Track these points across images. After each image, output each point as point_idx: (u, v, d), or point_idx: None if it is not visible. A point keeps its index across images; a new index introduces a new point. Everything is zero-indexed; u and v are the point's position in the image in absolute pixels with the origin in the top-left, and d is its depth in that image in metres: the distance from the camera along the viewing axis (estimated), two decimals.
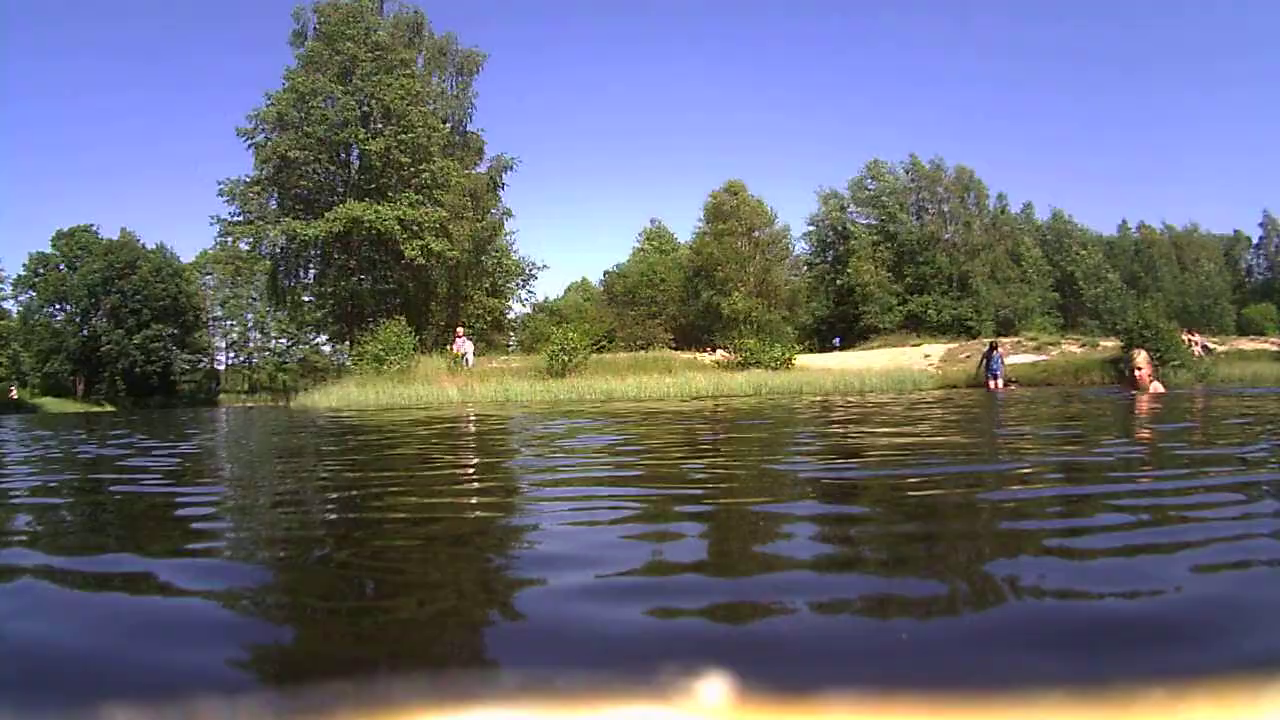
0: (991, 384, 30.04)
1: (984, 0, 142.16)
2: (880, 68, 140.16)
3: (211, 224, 44.84)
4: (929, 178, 72.51)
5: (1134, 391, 13.64)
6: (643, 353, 39.05)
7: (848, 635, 1.60)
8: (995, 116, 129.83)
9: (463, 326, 37.29)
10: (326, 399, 29.78)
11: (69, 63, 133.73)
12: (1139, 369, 13.84)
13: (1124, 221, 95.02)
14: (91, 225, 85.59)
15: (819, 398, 20.39)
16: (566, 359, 32.49)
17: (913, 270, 69.58)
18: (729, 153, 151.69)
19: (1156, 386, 14.11)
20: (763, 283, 62.61)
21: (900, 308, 68.15)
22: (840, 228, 73.03)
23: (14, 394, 67.02)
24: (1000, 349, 32.69)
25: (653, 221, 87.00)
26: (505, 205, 54.61)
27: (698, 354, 38.72)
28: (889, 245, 70.42)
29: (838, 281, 70.91)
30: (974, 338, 50.31)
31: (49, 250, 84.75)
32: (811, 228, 75.36)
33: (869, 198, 72.49)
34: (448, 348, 34.22)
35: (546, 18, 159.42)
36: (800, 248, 73.57)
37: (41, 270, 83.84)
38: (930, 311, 67.28)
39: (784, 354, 35.55)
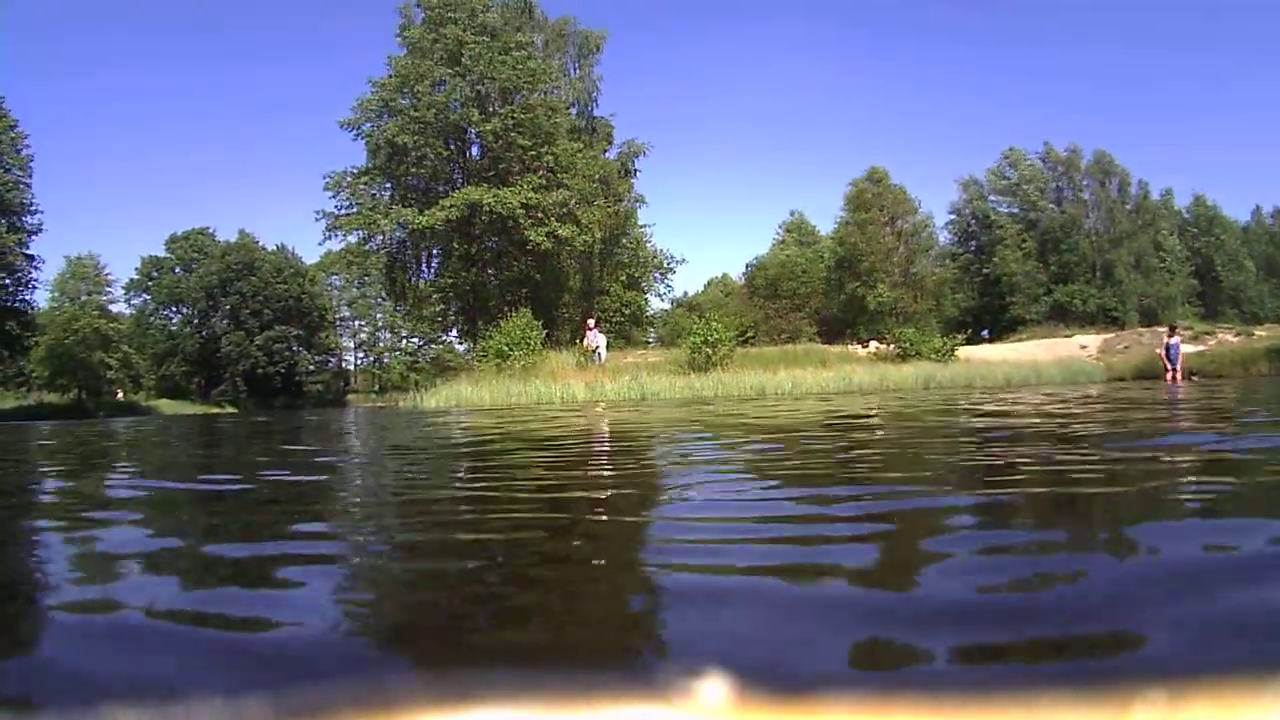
0: (1170, 375, 27.80)
1: None
2: (1015, 54, 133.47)
3: (317, 218, 43.09)
4: (1065, 164, 71.47)
5: None
6: (791, 345, 38.33)
7: None
8: (1125, 102, 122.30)
9: (594, 318, 34.72)
10: (434, 398, 28.90)
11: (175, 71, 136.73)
12: None
13: (1258, 208, 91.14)
14: (207, 228, 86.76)
15: (1010, 393, 18.83)
16: (710, 352, 30.51)
17: (1056, 259, 68.52)
18: (863, 142, 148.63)
19: None
20: (907, 274, 62.38)
21: (1046, 298, 66.98)
22: (982, 216, 72.12)
23: (120, 395, 68.33)
24: (1179, 335, 30.52)
25: (792, 213, 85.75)
26: (638, 193, 53.29)
27: (848, 346, 38.06)
28: (1030, 234, 69.60)
29: (983, 271, 69.80)
30: (1121, 328, 49.85)
31: (162, 254, 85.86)
32: (953, 217, 74.25)
33: (1008, 186, 71.67)
34: (579, 340, 31.80)
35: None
36: (943, 238, 71.59)
37: (155, 273, 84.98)
38: (1075, 301, 65.81)
39: (946, 345, 34.57)
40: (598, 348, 31.37)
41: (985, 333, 54.76)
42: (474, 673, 1.44)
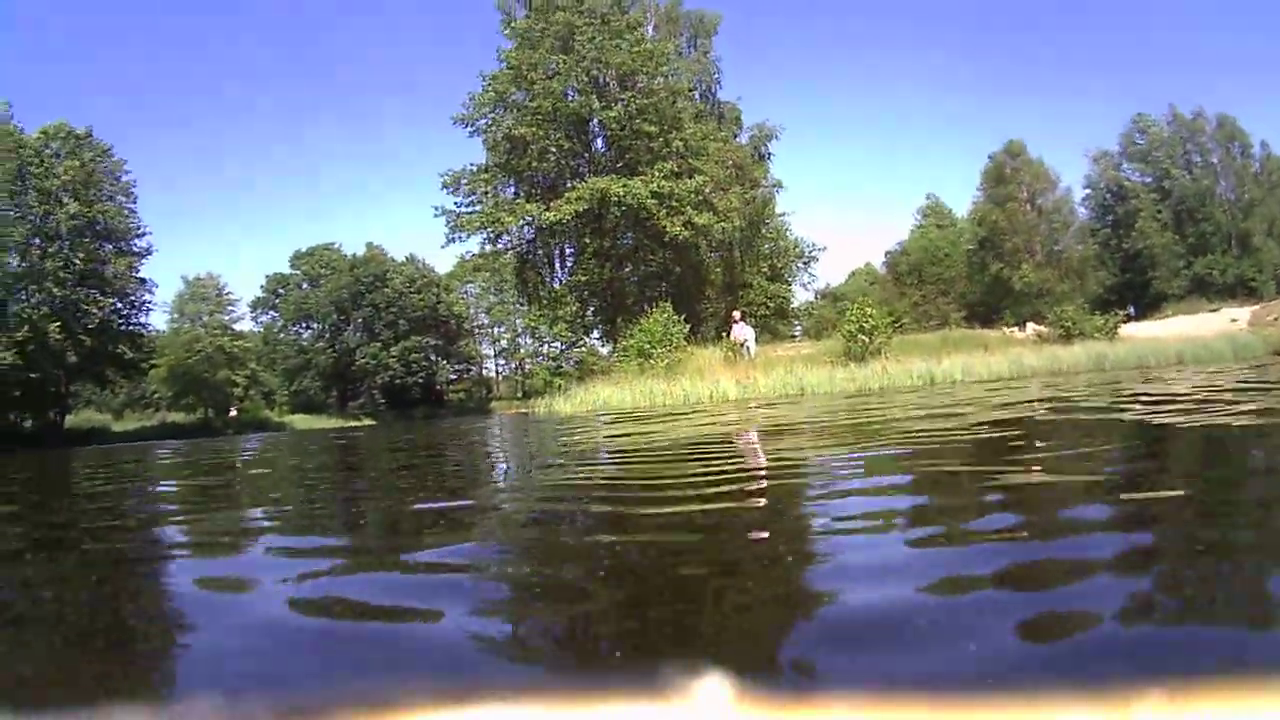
0: None
1: None
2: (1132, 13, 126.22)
3: (436, 214, 41.92)
4: (1191, 129, 68.69)
5: None
6: (949, 330, 37.05)
7: None
8: (1238, 61, 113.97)
9: (740, 311, 32.97)
10: (570, 403, 28.10)
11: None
12: None
13: None
14: (333, 243, 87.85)
15: (1193, 370, 18.29)
16: (866, 340, 28.81)
17: (1194, 230, 66.10)
18: (986, 119, 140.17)
19: None
20: (1051, 252, 61.39)
21: (1186, 271, 65.04)
22: (1116, 188, 69.74)
23: (233, 413, 69.08)
24: None
25: (928, 197, 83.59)
26: (775, 177, 51.06)
27: (1004, 330, 37.46)
28: (1165, 203, 67.50)
29: (1123, 246, 67.54)
30: (1260, 299, 48.48)
31: (287, 270, 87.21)
32: (1088, 191, 71.58)
33: (1140, 152, 69.47)
34: (724, 335, 30.08)
35: None
36: (1081, 213, 68.65)
37: (281, 290, 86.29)
38: (1214, 273, 63.90)
39: (1108, 323, 33.14)
40: (745, 341, 29.84)
41: (1132, 310, 51.60)
42: (473, 673, 1.45)
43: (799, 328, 61.79)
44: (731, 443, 7.70)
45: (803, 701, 1.26)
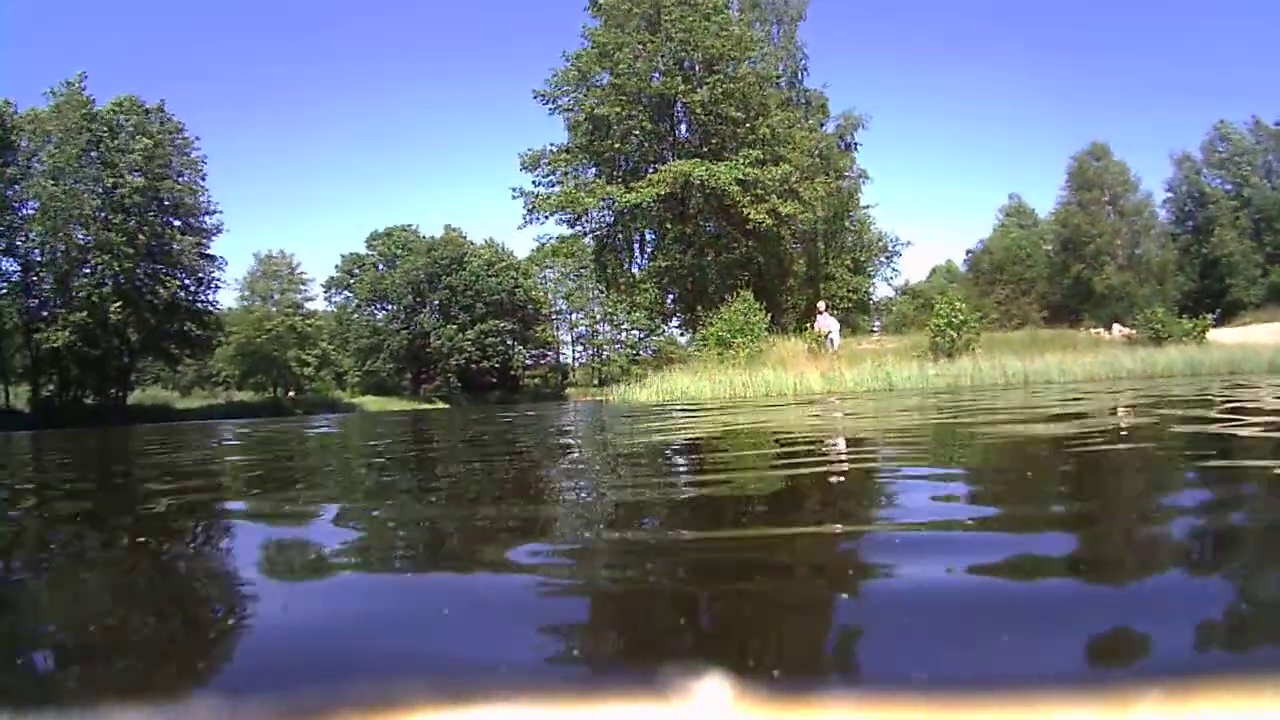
0: None
1: None
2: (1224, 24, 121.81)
3: (514, 196, 41.30)
4: (1273, 136, 66.47)
5: None
6: (1038, 330, 36.82)
7: None
8: None
9: (825, 301, 32.17)
10: (646, 391, 28.26)
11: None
12: None
13: None
14: (410, 224, 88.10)
15: None
16: (955, 335, 28.01)
17: (1272, 239, 63.94)
18: (1069, 118, 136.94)
19: None
20: (1132, 255, 61.84)
21: (1263, 280, 63.04)
22: (1197, 193, 67.83)
23: (292, 393, 70.21)
24: None
25: (1011, 196, 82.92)
26: (861, 167, 49.92)
27: (1089, 331, 37.09)
28: (1245, 211, 65.29)
29: (1201, 252, 65.59)
30: None
31: (363, 251, 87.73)
32: (1169, 194, 69.84)
33: (1221, 159, 67.31)
34: (808, 327, 29.36)
35: None
36: (1162, 216, 68.14)
37: (357, 270, 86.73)
38: None
39: (1197, 327, 32.47)
40: (830, 333, 29.38)
41: (1211, 317, 50.66)
42: (473, 673, 1.44)
43: (877, 323, 61.09)
44: (849, 442, 6.76)
45: (803, 701, 1.25)
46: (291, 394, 69.28)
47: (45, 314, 47.06)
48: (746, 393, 23.71)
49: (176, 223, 52.65)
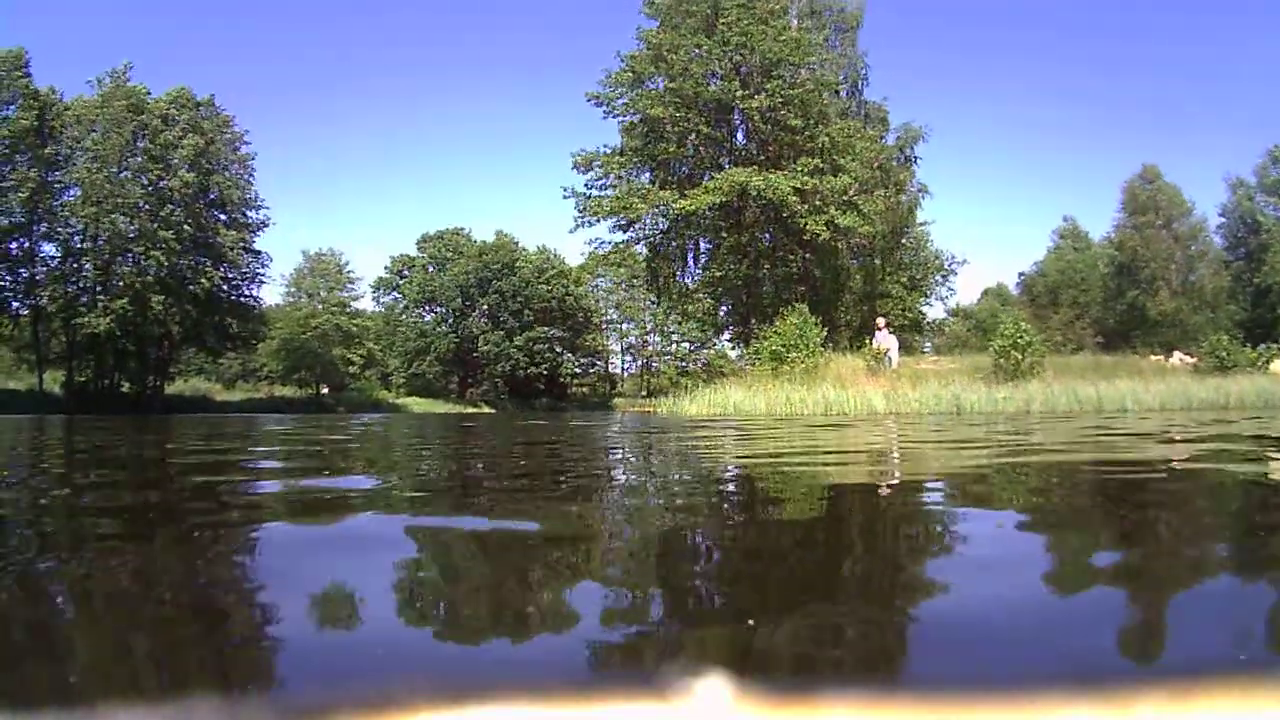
0: None
1: None
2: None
3: (565, 196, 40.52)
4: None
5: None
6: (1104, 355, 35.27)
7: None
8: None
9: (884, 317, 31.00)
10: (697, 404, 27.27)
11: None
12: None
13: None
14: (461, 227, 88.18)
15: None
16: (1020, 356, 26.76)
17: None
18: (1120, 140, 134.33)
19: None
20: (1185, 281, 61.46)
21: None
22: (1250, 220, 66.33)
23: (325, 390, 70.50)
24: None
25: (1065, 219, 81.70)
26: (921, 181, 48.54)
27: (1150, 357, 35.27)
28: None
29: (1254, 280, 64.15)
30: None
31: (413, 253, 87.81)
32: (1223, 219, 68.64)
33: (1275, 184, 65.97)
34: (867, 341, 28.21)
35: None
36: (1216, 241, 67.00)
37: (406, 272, 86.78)
38: None
39: (1262, 357, 31.82)
40: (888, 350, 28.26)
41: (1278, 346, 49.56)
42: (473, 673, 1.45)
43: (928, 345, 61.04)
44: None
45: (803, 701, 1.23)
46: (325, 390, 69.09)
47: (85, 300, 47.01)
48: (803, 409, 22.78)
49: (222, 216, 52.65)
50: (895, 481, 5.05)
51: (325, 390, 70.74)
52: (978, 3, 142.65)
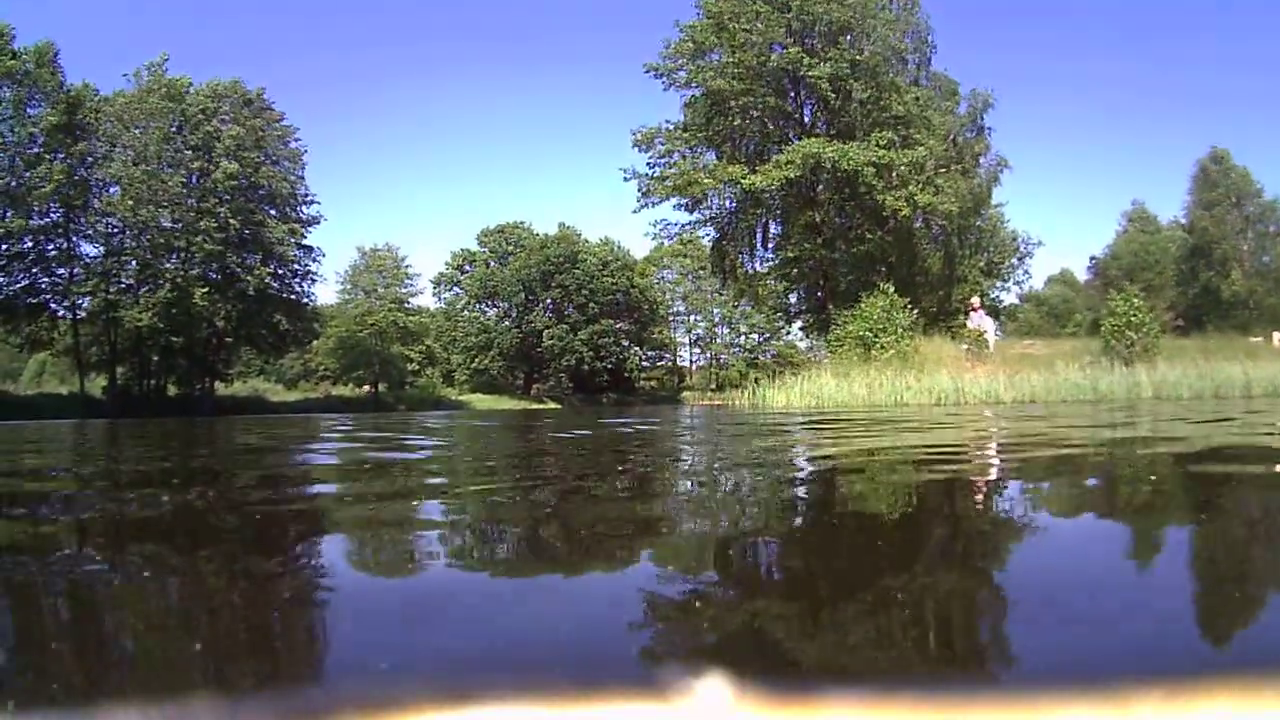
0: None
1: None
2: None
3: (626, 178, 37.82)
4: None
5: None
6: (1213, 335, 32.33)
7: None
8: None
9: (979, 297, 28.32)
10: (784, 394, 25.43)
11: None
12: None
13: None
14: (523, 221, 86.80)
15: None
16: (1133, 337, 24.76)
17: None
18: (1186, 121, 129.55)
19: None
20: (1259, 262, 60.73)
21: None
22: None
23: (380, 388, 69.52)
24: None
25: (1133, 202, 78.90)
26: (998, 154, 45.05)
27: (1262, 338, 33.39)
28: None
29: None
30: None
31: (474, 247, 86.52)
32: None
33: None
34: (963, 320, 25.65)
35: None
36: None
37: (467, 267, 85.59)
38: None
39: None
40: (985, 332, 25.83)
41: None
42: (473, 673, 1.43)
43: (1000, 331, 57.32)
44: None
45: (803, 701, 1.23)
46: (380, 388, 68.58)
47: (127, 299, 45.47)
48: (907, 398, 21.02)
49: (272, 212, 51.07)
50: None
51: (383, 388, 69.58)
52: None
